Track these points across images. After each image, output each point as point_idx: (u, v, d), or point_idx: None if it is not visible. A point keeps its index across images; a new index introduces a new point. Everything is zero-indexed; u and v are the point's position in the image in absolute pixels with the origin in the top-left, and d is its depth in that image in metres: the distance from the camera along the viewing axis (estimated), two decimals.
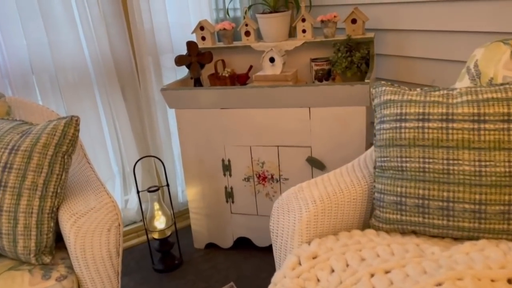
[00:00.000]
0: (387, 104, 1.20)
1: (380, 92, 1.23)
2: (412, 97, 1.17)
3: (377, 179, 1.23)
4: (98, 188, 1.43)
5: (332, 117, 1.83)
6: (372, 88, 1.28)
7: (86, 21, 1.97)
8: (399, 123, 1.16)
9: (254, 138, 1.96)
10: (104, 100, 2.12)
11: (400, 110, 1.17)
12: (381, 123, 1.21)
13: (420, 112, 1.13)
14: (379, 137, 1.22)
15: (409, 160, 1.14)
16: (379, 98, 1.23)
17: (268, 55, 1.95)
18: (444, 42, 1.79)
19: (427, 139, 1.11)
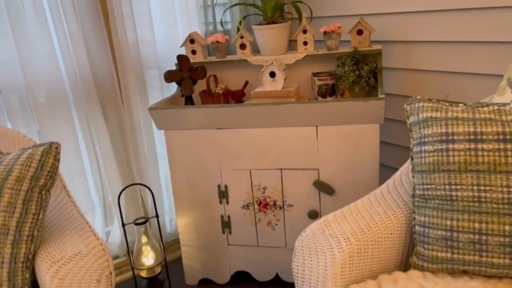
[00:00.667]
0: (427, 122, 1.04)
1: (418, 109, 1.07)
2: (458, 114, 1.01)
3: (418, 210, 1.05)
4: (83, 227, 1.20)
5: (342, 137, 1.66)
6: (406, 104, 1.11)
7: (62, 34, 1.75)
8: (446, 144, 0.99)
9: (254, 161, 1.77)
10: (82, 122, 1.88)
11: (446, 129, 1.00)
12: (421, 144, 1.04)
13: (471, 132, 0.97)
14: (419, 161, 1.05)
15: (460, 188, 0.97)
16: (416, 116, 1.07)
17: (268, 70, 1.78)
18: (459, 53, 1.66)
19: (482, 163, 0.95)
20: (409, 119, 1.09)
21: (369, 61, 1.79)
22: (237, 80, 2.03)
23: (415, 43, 1.80)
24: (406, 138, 1.96)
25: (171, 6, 2.06)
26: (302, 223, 1.80)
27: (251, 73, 1.97)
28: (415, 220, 1.06)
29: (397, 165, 2.03)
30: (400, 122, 1.96)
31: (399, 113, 1.95)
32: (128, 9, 1.89)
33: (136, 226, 1.79)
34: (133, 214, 2.09)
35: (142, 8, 1.95)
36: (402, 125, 1.95)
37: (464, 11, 1.60)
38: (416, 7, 1.75)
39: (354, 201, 1.71)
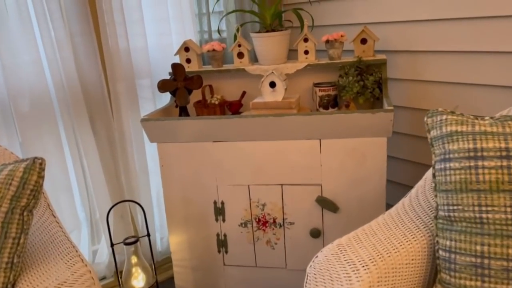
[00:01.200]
0: (452, 137, 0.95)
1: (440, 122, 0.98)
2: (487, 128, 0.93)
3: (443, 233, 0.96)
4: (69, 252, 1.07)
5: (347, 150, 1.57)
6: (427, 117, 1.02)
7: (48, 39, 1.64)
8: (474, 161, 0.90)
9: (253, 176, 1.67)
10: (69, 134, 1.76)
11: (474, 144, 0.91)
12: (445, 161, 0.95)
13: (502, 147, 0.89)
14: (443, 179, 0.96)
15: (492, 210, 0.88)
16: (439, 130, 0.98)
17: (268, 79, 1.68)
18: (468, 64, 1.59)
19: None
20: (430, 133, 1.00)
21: (374, 71, 1.72)
22: (234, 91, 1.93)
23: (421, 53, 1.73)
24: (412, 152, 1.88)
25: (165, 14, 1.96)
26: (304, 242, 1.70)
27: (249, 83, 1.88)
28: (438, 244, 0.97)
29: (402, 180, 1.95)
30: (406, 135, 1.88)
31: (404, 126, 1.87)
32: (120, 18, 1.79)
33: (125, 246, 1.66)
34: (122, 232, 1.96)
35: (134, 16, 1.85)
36: (408, 138, 1.88)
37: (473, 20, 1.54)
38: (422, 15, 1.68)
39: (360, 218, 1.63)
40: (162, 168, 1.73)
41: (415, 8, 1.70)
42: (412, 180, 1.90)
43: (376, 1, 1.83)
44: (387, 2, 1.79)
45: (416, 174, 1.88)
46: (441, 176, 0.96)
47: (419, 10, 1.68)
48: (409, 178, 1.91)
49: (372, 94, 1.69)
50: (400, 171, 1.95)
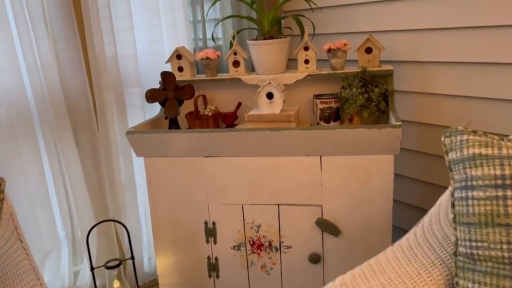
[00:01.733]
0: (475, 160, 0.82)
1: (461, 143, 0.85)
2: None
3: (463, 273, 0.82)
4: (33, 286, 0.93)
5: (350, 168, 1.44)
6: (445, 136, 0.89)
7: (28, 45, 1.51)
8: (503, 190, 0.77)
9: (248, 194, 1.53)
10: (49, 146, 1.63)
11: (501, 170, 0.78)
12: (467, 189, 0.82)
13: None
14: (464, 210, 0.82)
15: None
16: (459, 152, 0.85)
17: (265, 90, 1.56)
18: (482, 76, 1.47)
19: None
20: (449, 155, 0.87)
21: (379, 83, 1.59)
22: (229, 101, 1.80)
23: (431, 64, 1.60)
24: (419, 170, 1.74)
25: (157, 21, 1.84)
26: (302, 268, 1.56)
27: (245, 94, 1.75)
28: (458, 286, 0.83)
29: (409, 200, 1.81)
30: (413, 152, 1.75)
31: (412, 142, 1.74)
32: (108, 26, 1.67)
33: (107, 270, 1.52)
34: (106, 252, 1.82)
35: (124, 24, 1.73)
36: (415, 155, 1.74)
37: (487, 28, 1.41)
38: (431, 24, 1.56)
39: (363, 243, 1.49)
40: (149, 185, 1.60)
41: (424, 16, 1.58)
42: (419, 200, 1.77)
43: (382, 8, 1.70)
44: (394, 9, 1.67)
45: (424, 194, 1.74)
46: (462, 206, 0.83)
47: (429, 18, 1.56)
48: (417, 198, 1.78)
49: (377, 108, 1.56)
50: (406, 191, 1.81)
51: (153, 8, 1.82)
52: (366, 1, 1.75)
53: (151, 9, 1.82)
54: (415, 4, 1.59)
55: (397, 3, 1.65)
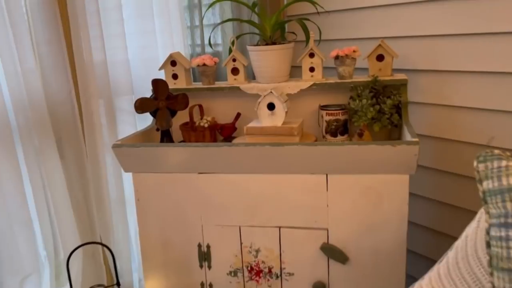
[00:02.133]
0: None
1: (499, 170, 0.70)
2: None
3: None
4: None
5: (359, 189, 1.29)
6: (478, 161, 0.74)
7: (7, 48, 1.38)
8: None
9: (246, 215, 1.39)
10: (30, 158, 1.49)
11: None
12: (507, 227, 0.67)
13: None
14: (504, 254, 0.67)
15: None
16: (496, 181, 0.70)
17: (266, 100, 1.42)
18: (506, 87, 1.32)
19: None
20: (483, 184, 0.72)
21: (392, 94, 1.45)
22: (227, 112, 1.67)
23: (449, 73, 1.46)
24: (435, 190, 1.59)
25: (151, 27, 1.71)
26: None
27: (245, 104, 1.61)
28: None
29: (424, 222, 1.66)
30: (429, 169, 1.59)
31: (428, 158, 1.59)
32: (97, 32, 1.55)
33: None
34: (93, 274, 1.67)
35: (114, 30, 1.60)
36: (431, 173, 1.59)
37: (510, 35, 1.27)
38: (449, 29, 1.42)
39: (374, 272, 1.34)
40: (137, 203, 1.46)
41: (442, 21, 1.43)
42: (436, 223, 1.61)
43: (395, 12, 1.56)
44: (408, 13, 1.52)
45: (442, 216, 1.59)
46: (500, 248, 0.68)
47: (447, 23, 1.42)
48: (433, 220, 1.62)
49: (390, 121, 1.42)
50: (421, 211, 1.65)
51: (147, 14, 1.69)
52: (377, 4, 1.61)
53: (144, 14, 1.69)
54: (432, 7, 1.45)
55: (412, 6, 1.51)
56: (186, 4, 1.83)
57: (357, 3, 1.69)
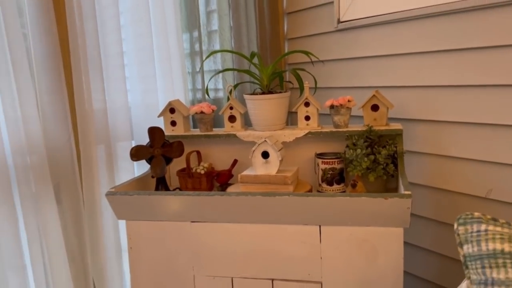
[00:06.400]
0: (497, 259, 0.64)
1: (479, 234, 0.68)
2: None
3: None
4: None
5: (354, 241, 1.26)
6: (458, 224, 0.72)
7: (9, 96, 1.42)
8: None
9: (238, 267, 1.36)
10: (26, 204, 1.49)
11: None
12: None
13: None
14: None
15: None
16: (476, 245, 0.68)
17: (260, 149, 1.42)
18: (505, 139, 1.30)
19: None
20: (463, 247, 0.70)
21: (387, 143, 1.44)
22: (224, 158, 1.67)
23: (446, 124, 1.45)
24: (434, 241, 1.55)
25: (151, 71, 1.75)
26: None
27: (241, 151, 1.62)
28: None
29: (423, 274, 1.60)
30: (427, 220, 1.56)
31: (426, 209, 1.56)
32: (97, 75, 1.59)
33: None
34: None
35: (115, 75, 1.65)
36: (430, 223, 1.55)
37: (510, 87, 1.26)
38: (446, 80, 1.42)
39: None
40: (130, 251, 1.44)
41: (437, 71, 1.44)
42: (436, 275, 1.56)
43: (390, 62, 1.58)
44: (404, 63, 1.54)
45: (440, 268, 1.54)
46: None
47: (442, 74, 1.43)
48: (432, 273, 1.57)
49: (385, 171, 1.40)
50: (420, 263, 1.60)
51: (148, 59, 1.74)
52: (372, 55, 1.63)
53: (146, 60, 1.74)
54: (427, 58, 1.46)
55: (407, 57, 1.52)
56: (188, 51, 1.88)
57: (352, 53, 1.71)
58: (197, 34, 1.87)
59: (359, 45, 1.68)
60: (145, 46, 1.72)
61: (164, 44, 1.76)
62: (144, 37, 1.72)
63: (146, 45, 1.72)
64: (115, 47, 1.65)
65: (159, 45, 1.76)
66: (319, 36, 1.86)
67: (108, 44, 1.64)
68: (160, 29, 1.75)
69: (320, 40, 1.86)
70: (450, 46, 1.38)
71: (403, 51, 1.52)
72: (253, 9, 1.91)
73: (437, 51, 1.42)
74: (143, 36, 1.72)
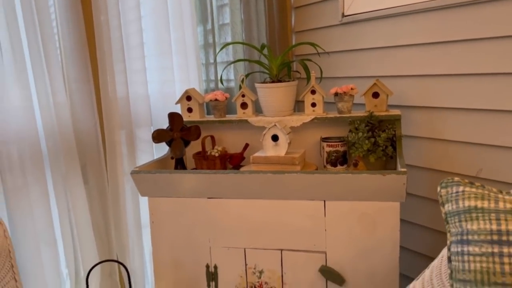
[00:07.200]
0: (471, 214, 0.78)
1: (457, 195, 0.81)
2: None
3: None
4: None
5: (355, 215, 1.40)
6: (441, 187, 0.86)
7: (42, 84, 1.57)
8: (499, 247, 0.73)
9: (250, 238, 1.50)
10: (57, 184, 1.65)
11: (498, 225, 0.74)
12: (462, 243, 0.78)
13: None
14: (460, 266, 0.78)
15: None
16: (455, 204, 0.81)
17: (271, 132, 1.56)
18: (493, 123, 1.43)
19: None
20: (445, 206, 0.84)
21: (386, 128, 1.57)
22: (236, 142, 1.81)
23: (440, 110, 1.58)
24: (428, 217, 1.68)
25: (169, 63, 1.89)
26: None
27: (252, 135, 1.75)
28: None
29: (419, 249, 1.74)
30: (423, 198, 1.69)
31: (420, 188, 1.69)
32: (121, 66, 1.73)
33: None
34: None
35: (137, 66, 1.79)
36: (425, 202, 1.69)
37: (498, 76, 1.39)
38: (440, 69, 1.55)
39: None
40: (152, 225, 1.59)
41: (432, 62, 1.57)
42: (430, 249, 1.69)
43: (390, 54, 1.71)
44: (402, 54, 1.66)
45: (435, 243, 1.67)
46: (457, 261, 0.79)
47: (437, 64, 1.55)
48: (427, 247, 1.70)
49: (384, 152, 1.53)
50: (416, 238, 1.74)
51: (166, 51, 1.87)
52: (372, 46, 1.76)
53: (164, 52, 1.87)
54: (423, 49, 1.59)
55: (405, 48, 1.65)
56: (202, 43, 2.01)
57: (355, 45, 1.84)
58: (210, 27, 2.01)
59: (362, 37, 1.81)
60: (163, 39, 1.85)
61: (181, 37, 1.89)
62: (162, 30, 1.85)
63: (164, 38, 1.85)
64: (136, 38, 1.78)
65: (177, 38, 1.89)
66: (324, 29, 1.98)
67: (130, 34, 1.77)
68: (178, 23, 1.88)
69: (326, 33, 1.98)
70: (444, 39, 1.51)
71: (402, 43, 1.65)
72: (263, 4, 2.04)
73: (433, 43, 1.54)
74: (161, 29, 1.85)
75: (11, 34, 1.49)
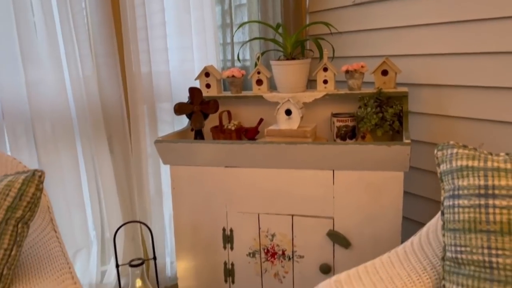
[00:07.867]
0: (462, 172, 0.88)
1: (451, 156, 0.92)
2: (500, 164, 0.86)
3: (449, 276, 0.88)
4: (62, 268, 1.06)
5: (361, 183, 1.51)
6: (437, 149, 0.96)
7: (73, 58, 1.69)
8: (485, 199, 0.83)
9: (264, 204, 1.62)
10: (86, 152, 1.78)
11: (485, 181, 0.84)
12: (454, 197, 0.89)
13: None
14: (451, 217, 0.89)
15: (502, 254, 0.80)
16: (449, 164, 0.92)
17: (284, 107, 1.66)
18: (494, 100, 1.52)
19: None
20: (440, 167, 0.94)
21: (394, 104, 1.66)
22: (251, 117, 1.92)
23: (446, 87, 1.67)
24: (432, 190, 1.78)
25: (189, 43, 1.99)
26: (313, 277, 1.62)
27: (267, 110, 1.86)
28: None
29: (421, 219, 1.85)
30: (427, 172, 1.79)
31: (426, 162, 1.79)
32: (145, 46, 1.84)
33: (131, 268, 1.64)
34: (132, 254, 1.94)
35: (159, 45, 1.89)
36: (429, 175, 1.79)
37: (501, 54, 1.47)
38: (446, 49, 1.63)
39: (372, 257, 1.54)
40: (173, 191, 1.72)
41: (439, 41, 1.65)
42: None
43: (398, 34, 1.79)
44: (410, 34, 1.75)
45: (437, 212, 1.78)
46: (449, 213, 0.89)
47: (444, 43, 1.63)
48: (430, 217, 1.80)
49: (391, 127, 1.63)
50: (419, 209, 1.85)
51: (186, 31, 1.97)
52: (383, 27, 1.84)
53: (184, 32, 1.97)
54: (431, 29, 1.67)
55: (414, 28, 1.73)
56: (219, 23, 2.11)
57: (366, 25, 1.92)
58: (227, 7, 2.10)
59: (373, 18, 1.89)
60: (183, 18, 1.95)
61: (200, 16, 1.99)
62: (182, 10, 1.95)
63: (184, 18, 1.95)
64: (158, 17, 1.88)
65: (196, 18, 1.98)
66: (337, 10, 2.07)
67: (152, 13, 1.87)
68: (197, 2, 1.98)
69: (339, 14, 2.06)
70: (450, 19, 1.59)
71: (410, 23, 1.73)
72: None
73: (439, 23, 1.62)
74: (181, 9, 1.95)
75: (44, 9, 1.60)
